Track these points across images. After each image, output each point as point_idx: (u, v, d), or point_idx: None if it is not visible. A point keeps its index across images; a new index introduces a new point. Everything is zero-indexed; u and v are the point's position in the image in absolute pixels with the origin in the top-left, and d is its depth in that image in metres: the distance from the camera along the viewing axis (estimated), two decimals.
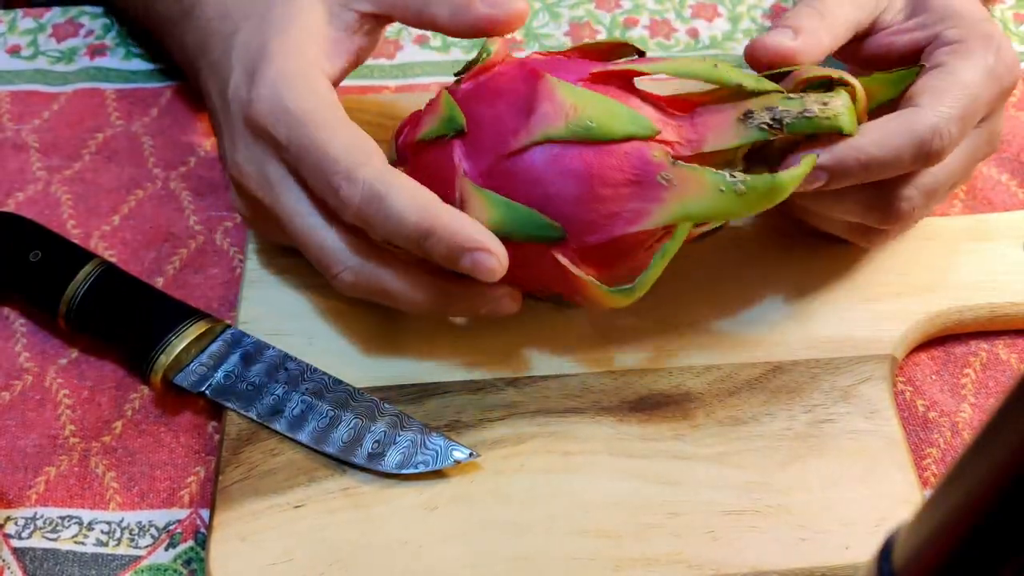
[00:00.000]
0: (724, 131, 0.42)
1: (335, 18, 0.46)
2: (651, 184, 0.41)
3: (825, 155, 0.42)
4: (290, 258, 0.50)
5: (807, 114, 0.41)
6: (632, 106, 0.42)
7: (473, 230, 0.41)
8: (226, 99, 0.46)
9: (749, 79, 0.42)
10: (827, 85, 0.43)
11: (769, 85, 0.43)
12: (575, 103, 0.42)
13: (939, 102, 0.43)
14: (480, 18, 0.44)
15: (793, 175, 0.41)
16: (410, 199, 0.41)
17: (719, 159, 0.43)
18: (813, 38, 0.44)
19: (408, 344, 0.48)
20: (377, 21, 0.47)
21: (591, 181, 0.41)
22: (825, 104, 0.42)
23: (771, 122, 0.41)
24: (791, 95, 0.42)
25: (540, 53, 0.46)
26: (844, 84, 0.43)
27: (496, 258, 0.41)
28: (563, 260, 0.42)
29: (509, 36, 0.62)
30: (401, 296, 0.44)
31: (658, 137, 0.42)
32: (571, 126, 0.41)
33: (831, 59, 0.48)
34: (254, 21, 0.46)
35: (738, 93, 0.43)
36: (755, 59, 0.45)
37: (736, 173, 0.41)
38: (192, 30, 0.51)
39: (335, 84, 0.46)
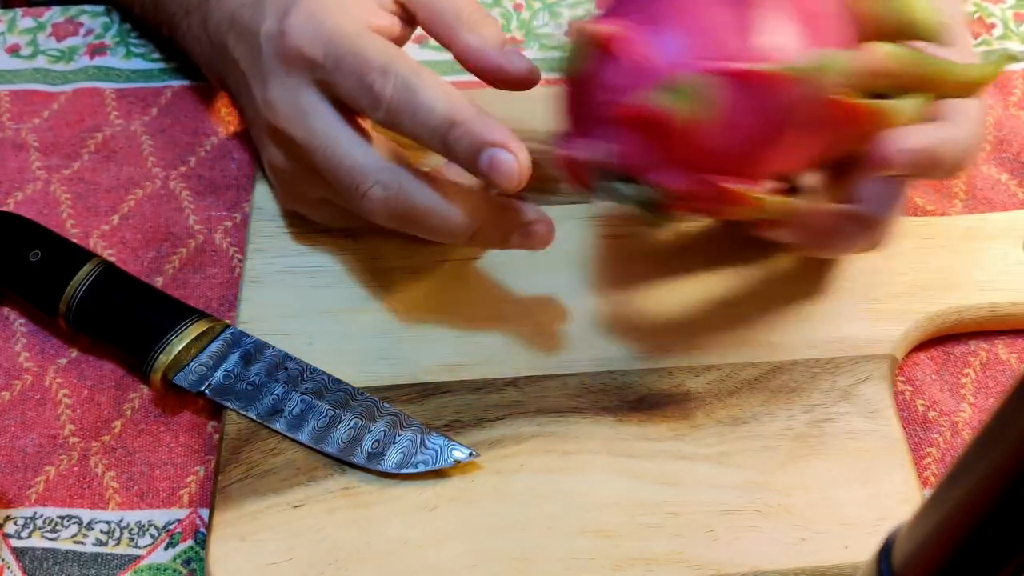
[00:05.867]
0: None
1: None
2: None
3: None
4: (290, 258, 0.50)
5: None
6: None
7: (497, 128, 0.41)
8: (256, 49, 0.47)
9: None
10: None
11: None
12: None
13: (968, 121, 0.43)
14: (507, 70, 0.45)
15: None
16: (440, 91, 0.42)
17: None
18: None
19: (408, 344, 0.48)
20: (406, 13, 0.48)
21: None
22: None
23: None
24: None
25: None
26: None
27: (516, 159, 0.40)
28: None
29: (509, 35, 0.62)
30: (431, 215, 0.44)
31: None
32: None
33: None
34: None
35: None
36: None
37: None
38: (215, 10, 0.51)
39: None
